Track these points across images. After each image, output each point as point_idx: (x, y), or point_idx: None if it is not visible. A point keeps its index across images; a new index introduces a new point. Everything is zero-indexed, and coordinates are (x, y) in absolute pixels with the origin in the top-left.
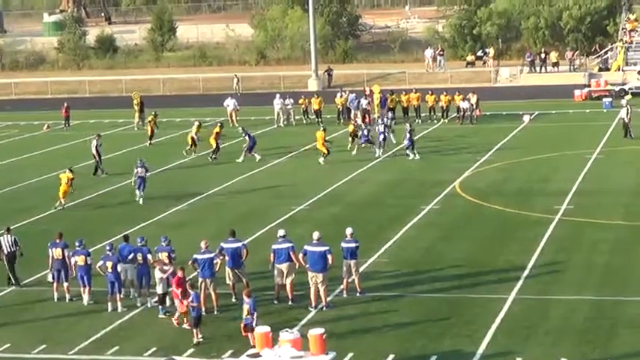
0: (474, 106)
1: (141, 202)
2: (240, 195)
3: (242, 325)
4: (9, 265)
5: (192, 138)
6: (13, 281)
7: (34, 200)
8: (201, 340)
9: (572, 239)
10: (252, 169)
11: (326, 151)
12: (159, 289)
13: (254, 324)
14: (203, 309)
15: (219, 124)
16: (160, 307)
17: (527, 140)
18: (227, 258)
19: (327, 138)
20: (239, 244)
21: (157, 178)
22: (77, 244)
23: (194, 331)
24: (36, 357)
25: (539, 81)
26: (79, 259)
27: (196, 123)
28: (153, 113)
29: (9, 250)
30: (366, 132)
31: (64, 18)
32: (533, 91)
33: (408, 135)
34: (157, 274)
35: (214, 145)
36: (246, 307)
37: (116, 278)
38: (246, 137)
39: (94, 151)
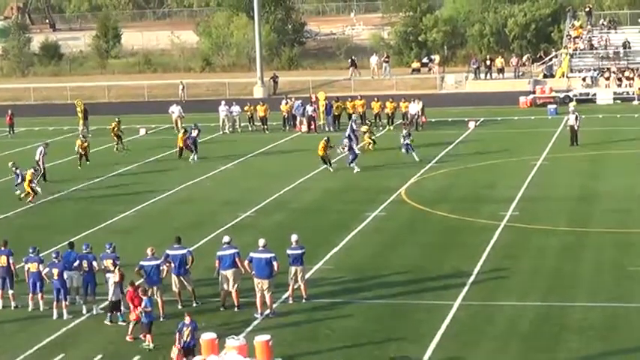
0: (420, 113)
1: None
2: (187, 202)
3: (178, 349)
4: None
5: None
6: None
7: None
8: (151, 347)
9: (518, 245)
10: (199, 175)
11: (328, 162)
12: (111, 296)
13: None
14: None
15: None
16: (109, 314)
17: (473, 147)
18: (173, 265)
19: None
20: (184, 251)
21: (104, 184)
22: (30, 250)
23: (148, 337)
24: None
25: (484, 88)
26: (32, 266)
27: (116, 119)
28: (116, 120)
29: None
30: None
31: (8, 25)
32: (479, 98)
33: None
34: (110, 281)
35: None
36: (186, 331)
37: (62, 285)
38: (194, 132)
39: (37, 158)
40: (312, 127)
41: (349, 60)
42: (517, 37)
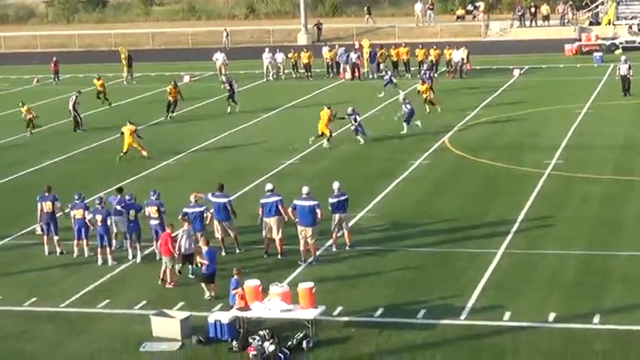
0: (464, 60)
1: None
2: (229, 149)
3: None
4: None
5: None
6: None
7: (21, 155)
8: (212, 296)
9: (562, 194)
10: (241, 123)
11: (328, 133)
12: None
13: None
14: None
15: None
16: (180, 265)
17: (517, 95)
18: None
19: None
20: (226, 200)
21: (145, 133)
22: (76, 197)
23: (210, 286)
24: (26, 310)
25: (529, 35)
26: (77, 213)
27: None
28: (173, 83)
29: None
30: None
31: None
32: (524, 46)
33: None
34: (180, 233)
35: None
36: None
37: (105, 232)
38: (228, 85)
39: (70, 108)
40: (356, 74)
41: (365, 8)
42: None
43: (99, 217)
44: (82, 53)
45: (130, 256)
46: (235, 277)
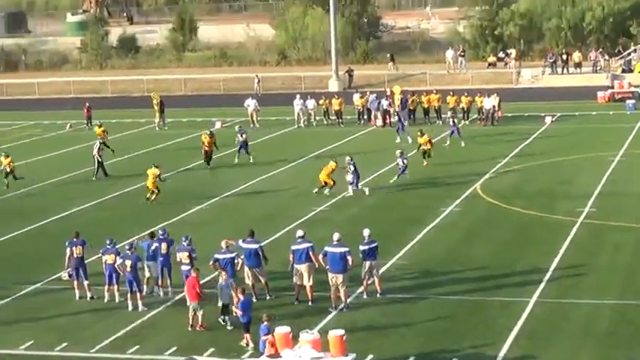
0: (496, 108)
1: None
2: (261, 195)
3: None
4: None
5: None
6: None
7: (53, 200)
8: (250, 346)
9: (595, 242)
10: (273, 170)
11: (332, 183)
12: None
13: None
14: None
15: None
16: (222, 316)
17: (550, 142)
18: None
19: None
20: (257, 246)
21: (177, 178)
22: (107, 242)
23: (246, 336)
24: (57, 355)
25: (561, 82)
26: (109, 258)
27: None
28: (208, 133)
29: None
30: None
31: (87, 18)
32: (556, 93)
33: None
34: (221, 283)
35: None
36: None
37: (134, 278)
38: (240, 136)
39: (95, 154)
40: (387, 121)
41: (388, 55)
42: (595, 31)
43: (128, 263)
44: (115, 99)
45: (162, 294)
46: (265, 323)
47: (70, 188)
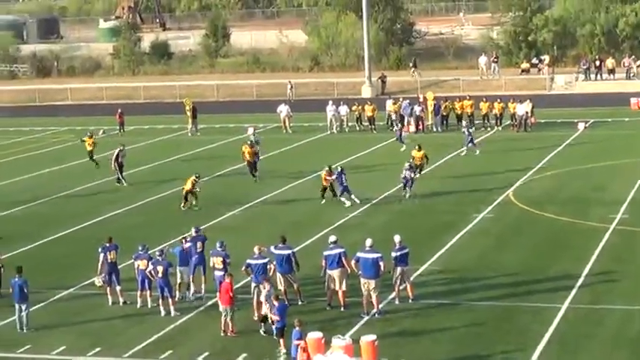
0: (529, 114)
1: None
2: (293, 202)
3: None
4: None
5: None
6: None
7: (81, 207)
8: (283, 352)
9: (628, 248)
10: (305, 176)
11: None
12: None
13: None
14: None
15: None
16: (261, 324)
17: (583, 149)
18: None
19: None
20: (289, 251)
21: (210, 184)
22: (140, 248)
23: (280, 341)
24: None
25: (594, 89)
26: (141, 264)
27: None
28: (249, 143)
29: None
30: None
31: (120, 24)
32: (589, 99)
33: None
34: (264, 293)
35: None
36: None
37: (166, 284)
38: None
39: (112, 160)
40: (420, 127)
41: (412, 61)
42: (628, 38)
43: (160, 269)
44: (147, 105)
45: (192, 293)
46: (297, 328)
47: (103, 194)
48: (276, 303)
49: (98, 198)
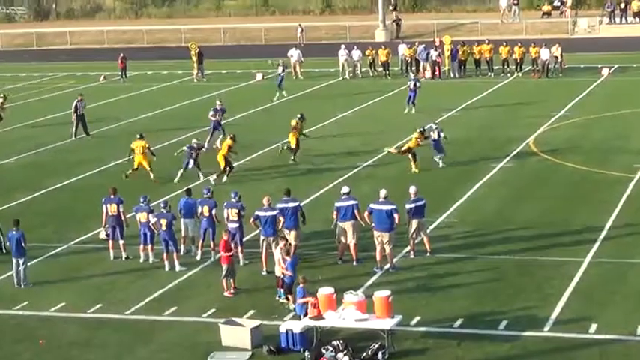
0: (559, 58)
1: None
2: (305, 150)
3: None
4: None
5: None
6: None
7: (84, 155)
8: (292, 306)
9: None
10: (318, 122)
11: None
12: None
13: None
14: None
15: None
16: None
17: (606, 95)
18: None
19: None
20: (295, 204)
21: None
22: (141, 200)
23: (290, 297)
24: (91, 316)
25: (619, 32)
26: (142, 216)
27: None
28: (298, 117)
29: None
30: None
31: None
32: (613, 43)
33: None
34: (277, 254)
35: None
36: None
37: (171, 237)
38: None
39: (72, 111)
40: (437, 72)
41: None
42: None
43: (164, 222)
44: (151, 49)
45: (198, 257)
46: (301, 285)
47: (108, 142)
48: (287, 258)
49: (104, 147)
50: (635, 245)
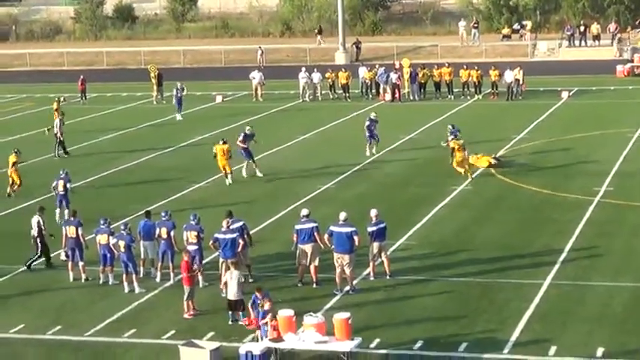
0: (520, 81)
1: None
2: (264, 173)
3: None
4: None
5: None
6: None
7: (44, 177)
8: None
9: (612, 222)
10: (277, 145)
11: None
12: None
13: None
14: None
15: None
16: (230, 312)
17: (566, 118)
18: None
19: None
20: (240, 223)
21: (178, 155)
22: (101, 222)
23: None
24: (50, 338)
25: (578, 56)
26: (102, 238)
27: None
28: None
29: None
30: None
31: None
32: (573, 66)
33: None
34: (228, 276)
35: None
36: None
37: (129, 258)
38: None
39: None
40: (397, 95)
41: (317, 28)
42: (614, 2)
43: (122, 243)
44: (111, 71)
45: (158, 279)
46: (259, 301)
47: (68, 165)
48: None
49: (57, 170)
50: (594, 268)
